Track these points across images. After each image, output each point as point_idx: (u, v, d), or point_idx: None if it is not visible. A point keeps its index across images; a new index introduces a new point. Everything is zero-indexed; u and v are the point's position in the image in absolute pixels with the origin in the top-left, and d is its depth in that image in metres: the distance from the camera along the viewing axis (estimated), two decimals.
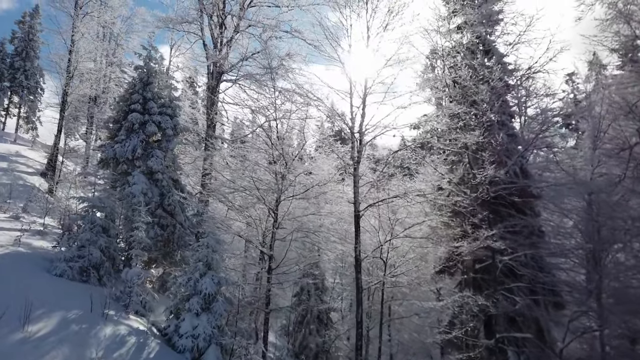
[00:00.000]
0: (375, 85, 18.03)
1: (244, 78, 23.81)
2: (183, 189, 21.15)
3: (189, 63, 34.28)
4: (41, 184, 29.34)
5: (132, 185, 18.72)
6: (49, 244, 18.04)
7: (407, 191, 17.21)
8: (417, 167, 19.04)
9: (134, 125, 19.86)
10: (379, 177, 17.79)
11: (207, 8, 24.32)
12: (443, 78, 20.64)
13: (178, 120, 21.37)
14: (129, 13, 38.73)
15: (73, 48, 30.59)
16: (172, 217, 19.80)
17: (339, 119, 18.58)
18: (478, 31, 20.29)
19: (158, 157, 19.89)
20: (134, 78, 21.39)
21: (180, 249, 19.91)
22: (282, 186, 17.94)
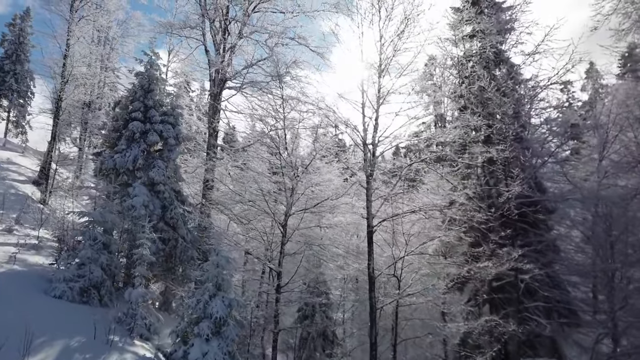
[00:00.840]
0: (389, 95, 17.34)
1: (248, 85, 23.04)
2: (185, 201, 20.33)
3: (186, 68, 33.40)
4: (34, 192, 28.30)
5: (133, 198, 17.86)
6: (45, 260, 17.20)
7: (423, 206, 16.52)
8: (428, 180, 18.39)
9: (134, 135, 19.02)
10: (393, 191, 17.04)
11: (210, 13, 23.52)
12: (456, 88, 20.11)
13: (180, 129, 20.54)
14: (124, 17, 37.93)
15: (68, 52, 29.57)
16: (174, 230, 18.96)
17: (351, 130, 17.85)
18: (490, 40, 19.73)
19: (160, 168, 19.05)
20: (135, 85, 20.55)
21: (182, 264, 19.07)
22: (291, 199, 17.19)
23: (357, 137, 17.53)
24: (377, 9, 18.03)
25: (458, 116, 17.27)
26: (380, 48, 17.76)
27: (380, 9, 17.94)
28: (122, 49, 40.47)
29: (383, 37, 17.76)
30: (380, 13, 17.95)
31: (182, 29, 23.64)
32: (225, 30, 24.03)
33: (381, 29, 17.86)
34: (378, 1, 17.93)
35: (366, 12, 17.98)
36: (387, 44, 17.61)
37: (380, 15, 17.96)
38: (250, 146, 20.66)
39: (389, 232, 18.16)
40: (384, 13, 17.82)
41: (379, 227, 17.21)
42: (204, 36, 24.26)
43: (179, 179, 20.46)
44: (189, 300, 12.93)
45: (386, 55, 17.52)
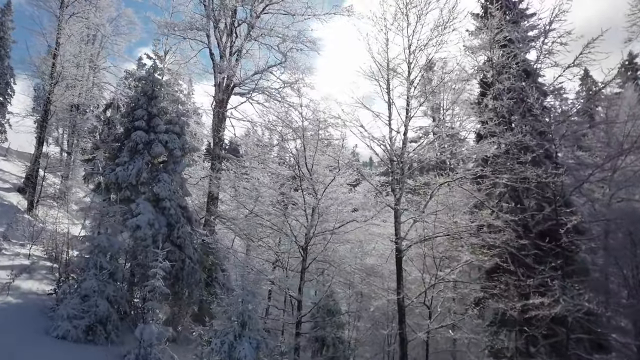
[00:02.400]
0: (419, 107, 16.06)
1: (259, 92, 21.54)
2: (191, 217, 18.72)
3: (182, 70, 31.71)
4: (19, 201, 26.38)
5: (138, 216, 16.26)
6: (40, 285, 15.56)
7: (458, 229, 15.22)
8: (458, 200, 17.11)
9: (137, 145, 17.40)
10: (423, 211, 15.72)
11: (216, 14, 21.94)
12: (479, 99, 18.91)
13: (186, 139, 18.98)
14: (115, 14, 35.95)
15: (58, 51, 27.67)
16: (180, 250, 17.35)
17: (376, 145, 16.51)
18: (515, 49, 18.54)
19: (165, 182, 17.47)
20: (137, 91, 18.91)
21: (189, 287, 17.48)
22: (312, 221, 15.77)
23: (385, 152, 16.21)
24: (403, 13, 16.76)
25: (498, 133, 15.93)
26: (409, 56, 16.48)
27: (408, 14, 16.65)
28: (112, 47, 38.49)
29: (412, 45, 16.49)
30: (408, 18, 16.66)
31: (186, 30, 21.94)
32: (232, 33, 22.50)
33: (410, 36, 16.57)
34: (406, 5, 16.66)
35: (394, 17, 16.68)
36: (418, 51, 16.33)
37: (408, 20, 16.68)
38: (263, 158, 19.08)
39: (419, 255, 16.80)
40: (413, 18, 16.53)
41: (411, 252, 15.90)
42: (209, 38, 22.67)
43: (185, 193, 18.86)
44: (212, 342, 11.42)
45: (417, 64, 16.25)
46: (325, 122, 17.18)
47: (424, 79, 16.11)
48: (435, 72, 19.08)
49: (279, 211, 16.94)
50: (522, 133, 15.08)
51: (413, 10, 16.50)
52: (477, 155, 16.06)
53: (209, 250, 19.88)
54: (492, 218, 15.26)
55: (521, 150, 15.73)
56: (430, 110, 30.15)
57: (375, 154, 16.92)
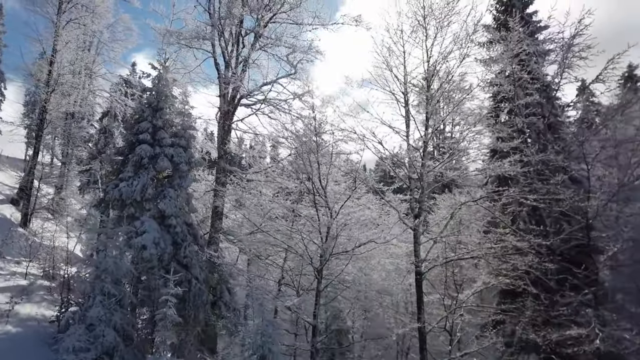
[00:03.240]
0: (439, 124, 15.40)
1: (267, 104, 20.78)
2: (197, 235, 17.89)
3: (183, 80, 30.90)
4: (13, 214, 25.35)
5: (143, 235, 15.45)
6: (39, 308, 14.69)
7: (482, 251, 14.54)
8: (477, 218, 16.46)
9: (142, 160, 16.59)
10: (443, 232, 15.05)
11: (222, 23, 21.19)
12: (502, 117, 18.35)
13: (192, 153, 18.19)
14: (112, 20, 35.03)
15: (55, 58, 26.75)
16: (187, 270, 16.52)
17: (396, 162, 15.84)
18: (532, 63, 18.01)
19: (171, 198, 16.68)
20: (142, 102, 18.16)
21: (196, 309, 16.63)
22: (329, 243, 15.00)
23: (402, 169, 15.54)
24: (421, 25, 16.15)
25: (522, 150, 15.31)
26: (428, 69, 15.86)
27: (427, 26, 16.04)
28: (108, 54, 37.51)
29: (432, 58, 15.88)
30: (427, 30, 16.06)
31: (192, 40, 21.16)
32: (238, 42, 21.77)
33: (429, 48, 15.95)
34: (424, 17, 16.06)
35: (413, 29, 16.07)
36: (438, 64, 15.71)
37: (427, 33, 16.08)
38: (273, 175, 18.34)
39: (437, 276, 16.12)
40: (432, 31, 15.93)
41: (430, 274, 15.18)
42: (214, 47, 21.91)
43: (192, 209, 18.05)
44: None
45: (437, 78, 15.63)
46: (337, 133, 16.52)
47: (444, 93, 15.39)
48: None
49: (292, 230, 16.11)
50: (554, 152, 14.44)
51: (432, 22, 15.92)
52: (494, 172, 15.35)
53: (214, 267, 19.07)
54: (515, 240, 14.60)
55: (547, 170, 15.15)
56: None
57: (393, 171, 16.21)
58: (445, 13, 15.50)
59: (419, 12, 16.13)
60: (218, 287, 19.03)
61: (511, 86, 17.71)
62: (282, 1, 21.35)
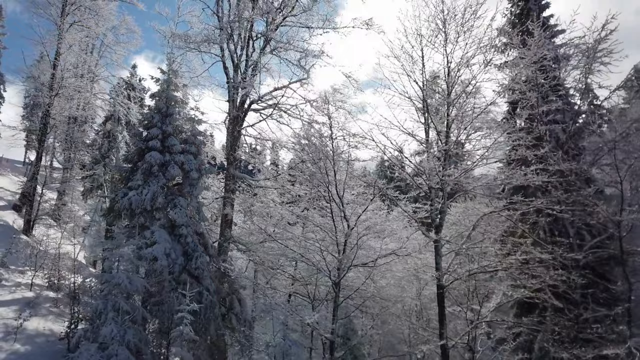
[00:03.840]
0: (460, 130, 14.92)
1: (278, 109, 20.26)
2: (207, 244, 17.34)
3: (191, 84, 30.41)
4: (15, 220, 24.79)
5: (153, 245, 14.92)
6: (46, 322, 14.16)
7: (506, 262, 13.98)
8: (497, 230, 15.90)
9: (152, 167, 16.05)
10: (465, 244, 14.52)
11: (232, 26, 20.68)
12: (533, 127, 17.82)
13: (202, 160, 17.68)
14: (115, 22, 34.51)
15: (58, 61, 26.23)
16: (198, 282, 15.98)
17: (416, 170, 15.33)
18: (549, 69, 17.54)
19: (181, 207, 16.16)
20: (151, 108, 17.64)
21: (208, 322, 16.08)
22: (346, 255, 14.48)
23: (425, 180, 15.02)
24: (441, 28, 15.65)
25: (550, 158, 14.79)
26: (448, 74, 15.36)
27: (447, 30, 15.53)
28: (111, 56, 36.97)
29: (452, 63, 15.37)
30: (447, 34, 15.53)
31: (202, 43, 20.63)
32: (248, 46, 21.26)
33: (448, 53, 15.44)
34: (443, 22, 15.56)
35: (432, 32, 15.58)
36: (459, 69, 15.21)
37: (447, 36, 15.55)
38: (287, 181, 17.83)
39: (457, 289, 15.59)
40: (452, 34, 15.41)
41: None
42: (222, 51, 21.39)
43: (202, 218, 17.50)
44: None
45: (458, 83, 15.12)
46: (353, 139, 16.03)
47: (467, 98, 14.87)
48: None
49: (307, 239, 15.60)
50: (585, 163, 13.93)
51: (453, 26, 15.42)
52: (517, 182, 14.77)
53: (223, 277, 18.54)
54: (540, 251, 14.07)
55: (573, 180, 14.66)
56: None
57: (411, 179, 15.71)
58: (467, 17, 15.00)
59: (438, 15, 15.66)
60: (228, 298, 18.48)
61: (531, 92, 17.21)
62: (293, 4, 20.85)
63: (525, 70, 16.88)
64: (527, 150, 14.58)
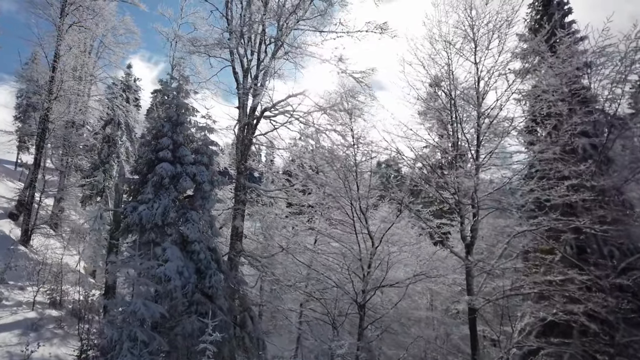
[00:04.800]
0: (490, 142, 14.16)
1: (291, 117, 19.38)
2: (220, 261, 16.40)
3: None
4: (12, 229, 23.71)
5: (165, 264, 14.00)
6: (51, 347, 13.23)
7: (539, 284, 13.20)
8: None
9: (163, 180, 15.12)
10: (498, 263, 13.73)
11: (244, 29, 19.79)
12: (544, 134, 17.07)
13: (214, 170, 16.78)
14: (115, 23, 33.44)
15: (57, 64, 25.17)
16: (211, 301, 15.07)
17: (442, 184, 14.52)
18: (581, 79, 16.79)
19: (194, 222, 15.25)
20: (160, 116, 16.72)
21: (221, 344, 15.13)
22: (369, 276, 13.65)
23: (451, 194, 14.22)
24: (468, 35, 14.90)
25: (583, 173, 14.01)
26: (478, 83, 14.59)
27: (475, 37, 14.78)
28: (109, 57, 35.85)
29: (480, 72, 14.60)
30: (476, 41, 14.78)
31: (208, 47, 19.73)
32: (260, 51, 20.36)
33: (478, 61, 14.69)
34: (472, 28, 14.80)
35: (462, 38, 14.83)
36: (490, 78, 14.46)
37: (476, 42, 14.80)
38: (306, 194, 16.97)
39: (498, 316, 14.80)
40: (483, 41, 14.65)
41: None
42: (232, 55, 20.46)
43: (215, 233, 16.57)
44: None
45: (489, 93, 14.37)
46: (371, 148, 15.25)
47: (500, 110, 14.12)
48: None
49: (328, 257, 14.76)
50: (621, 179, 13.19)
51: (482, 30, 14.67)
52: (554, 198, 14.00)
53: (234, 292, 17.67)
54: (577, 272, 13.32)
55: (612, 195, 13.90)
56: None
57: (436, 193, 14.90)
58: (499, 25, 14.25)
59: (466, 20, 14.92)
60: (240, 316, 17.59)
61: (560, 102, 16.46)
62: (306, 7, 19.99)
63: (557, 79, 16.16)
64: (563, 164, 13.83)
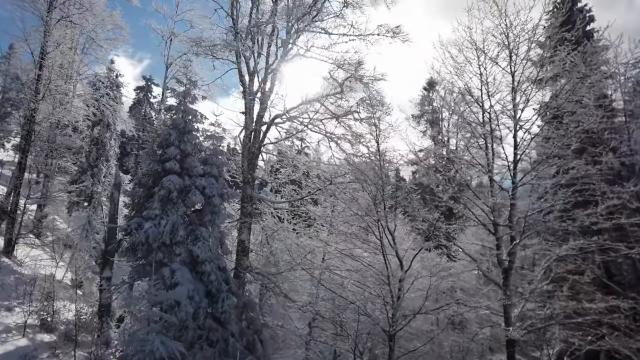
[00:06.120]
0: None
1: (304, 125, 18.21)
2: (229, 280, 15.11)
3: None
4: None
5: (175, 287, 12.73)
6: None
7: (583, 311, 12.27)
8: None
9: (171, 194, 13.81)
10: (538, 287, 12.77)
11: (253, 30, 18.54)
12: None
13: (224, 183, 15.53)
14: (105, 17, 31.68)
15: (45, 62, 23.49)
16: (223, 327, 13.82)
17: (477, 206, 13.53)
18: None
19: (204, 240, 14.02)
20: (166, 123, 15.44)
21: None
22: (400, 300, 12.59)
23: (487, 215, 13.24)
24: (503, 42, 13.93)
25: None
26: (515, 93, 13.62)
27: (510, 43, 13.82)
28: (96, 54, 34.01)
29: (515, 81, 13.64)
30: (511, 50, 13.81)
31: (220, 49, 18.42)
32: (269, 53, 19.12)
33: (514, 71, 13.71)
34: (507, 36, 13.84)
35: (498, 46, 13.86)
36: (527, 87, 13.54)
37: (510, 49, 13.83)
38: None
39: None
40: (522, 48, 13.70)
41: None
42: (238, 57, 19.15)
43: (225, 251, 15.34)
44: None
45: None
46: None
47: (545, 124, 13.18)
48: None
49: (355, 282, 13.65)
50: None
51: (521, 40, 13.72)
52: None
53: (242, 313, 16.44)
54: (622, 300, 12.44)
55: None
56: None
57: (467, 211, 13.91)
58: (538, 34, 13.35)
59: (501, 26, 13.95)
60: (250, 339, 16.35)
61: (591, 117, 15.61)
62: (318, 8, 18.81)
63: (584, 90, 15.29)
64: (606, 185, 12.95)
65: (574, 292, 13.85)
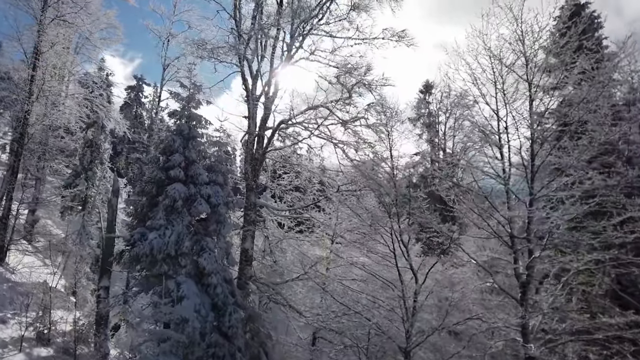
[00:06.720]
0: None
1: (310, 131, 17.72)
2: (235, 293, 14.59)
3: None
4: None
5: (182, 301, 12.23)
6: None
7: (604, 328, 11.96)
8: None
9: (175, 203, 13.28)
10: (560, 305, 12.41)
11: (258, 34, 18.04)
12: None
13: (230, 191, 15.03)
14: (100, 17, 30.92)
15: (39, 62, 22.78)
16: (230, 342, 13.31)
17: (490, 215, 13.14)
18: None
19: (210, 251, 13.49)
20: (169, 129, 14.89)
21: None
22: (415, 315, 12.18)
23: (504, 229, 12.86)
24: (519, 49, 13.56)
25: None
26: (531, 102, 13.25)
27: (527, 51, 13.44)
28: (89, 54, 33.20)
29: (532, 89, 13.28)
30: (527, 57, 13.43)
31: (224, 52, 17.89)
32: (273, 56, 18.62)
33: (530, 80, 13.34)
34: (522, 42, 13.47)
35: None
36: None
37: (526, 56, 13.46)
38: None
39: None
40: (539, 55, 13.35)
41: None
42: (241, 60, 18.61)
43: (231, 262, 14.85)
44: None
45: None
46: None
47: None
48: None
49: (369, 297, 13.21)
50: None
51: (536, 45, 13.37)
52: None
53: (247, 325, 15.94)
54: None
55: None
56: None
57: (483, 222, 13.51)
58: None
59: (517, 32, 13.58)
60: (255, 352, 15.86)
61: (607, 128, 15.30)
62: (324, 11, 18.36)
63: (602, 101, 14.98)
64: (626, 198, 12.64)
65: (587, 305, 13.57)
